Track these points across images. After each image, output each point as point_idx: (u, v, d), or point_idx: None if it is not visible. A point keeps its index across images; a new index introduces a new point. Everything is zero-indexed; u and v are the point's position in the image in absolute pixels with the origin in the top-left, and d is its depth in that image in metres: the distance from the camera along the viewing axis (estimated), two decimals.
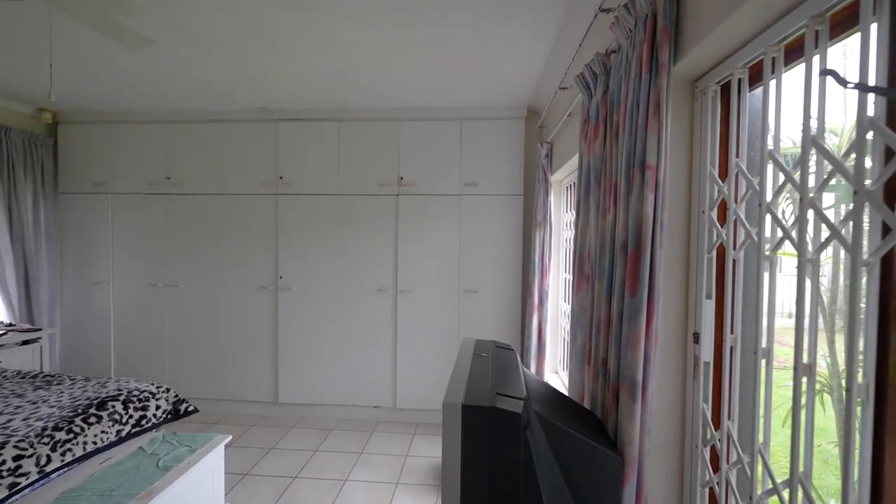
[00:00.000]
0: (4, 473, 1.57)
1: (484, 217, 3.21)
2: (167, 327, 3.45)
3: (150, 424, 2.16)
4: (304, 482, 2.51)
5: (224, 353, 3.42)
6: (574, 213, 2.47)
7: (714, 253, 1.19)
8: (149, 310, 3.46)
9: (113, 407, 2.03)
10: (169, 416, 2.28)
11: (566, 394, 1.72)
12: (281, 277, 3.33)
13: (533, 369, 2.74)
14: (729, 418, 1.13)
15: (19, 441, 1.66)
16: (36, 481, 1.65)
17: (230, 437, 2.19)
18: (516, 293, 3.22)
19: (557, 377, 2.92)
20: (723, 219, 1.17)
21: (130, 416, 2.08)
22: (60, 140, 3.50)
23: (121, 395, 2.12)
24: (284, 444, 2.96)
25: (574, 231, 1.70)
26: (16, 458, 1.61)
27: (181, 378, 3.45)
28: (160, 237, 3.44)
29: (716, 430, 1.17)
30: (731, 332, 1.11)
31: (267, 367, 3.39)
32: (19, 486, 1.59)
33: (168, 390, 2.32)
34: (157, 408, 2.22)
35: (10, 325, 3.10)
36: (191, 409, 2.38)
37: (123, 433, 2.03)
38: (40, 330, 3.10)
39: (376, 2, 1.85)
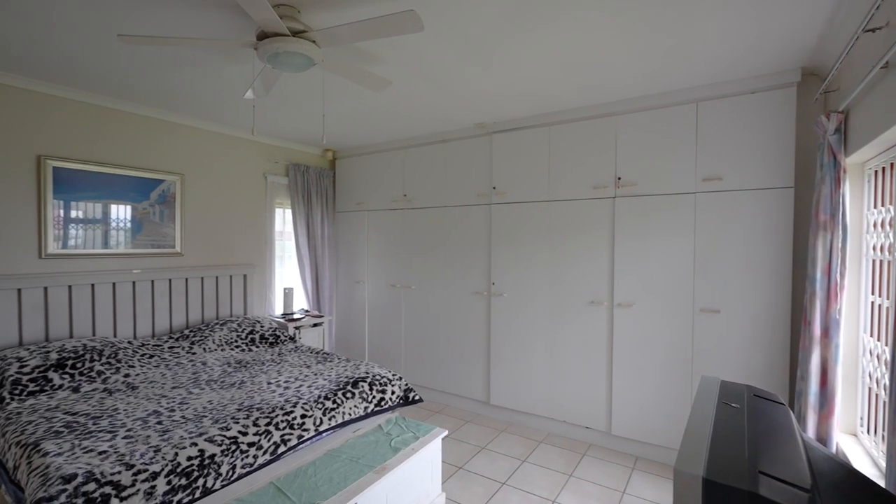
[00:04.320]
0: (295, 426, 2.07)
1: (730, 218, 2.56)
2: (403, 322, 4.06)
3: (386, 406, 2.53)
4: (513, 491, 2.50)
5: (445, 350, 3.78)
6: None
7: None
8: (390, 306, 4.15)
9: (362, 386, 2.46)
10: (400, 402, 2.63)
11: (882, 485, 1.14)
12: (493, 284, 3.46)
13: (811, 428, 2.00)
14: None
15: (305, 404, 2.18)
16: (312, 437, 2.13)
17: (447, 432, 2.36)
18: (782, 318, 2.44)
19: (857, 444, 2.04)
20: None
21: (374, 397, 2.48)
22: (337, 171, 4.58)
23: (368, 377, 2.56)
24: (495, 446, 3.04)
25: None
26: (302, 416, 2.11)
27: (412, 367, 3.99)
28: (398, 245, 4.07)
29: None
30: None
31: (480, 369, 3.58)
32: (304, 438, 2.08)
33: (400, 379, 2.69)
34: (392, 393, 2.59)
35: (307, 311, 4.22)
36: (417, 398, 2.70)
37: (368, 410, 2.43)
38: (323, 316, 4.10)
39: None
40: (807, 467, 0.86)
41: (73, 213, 2.84)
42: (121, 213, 3.07)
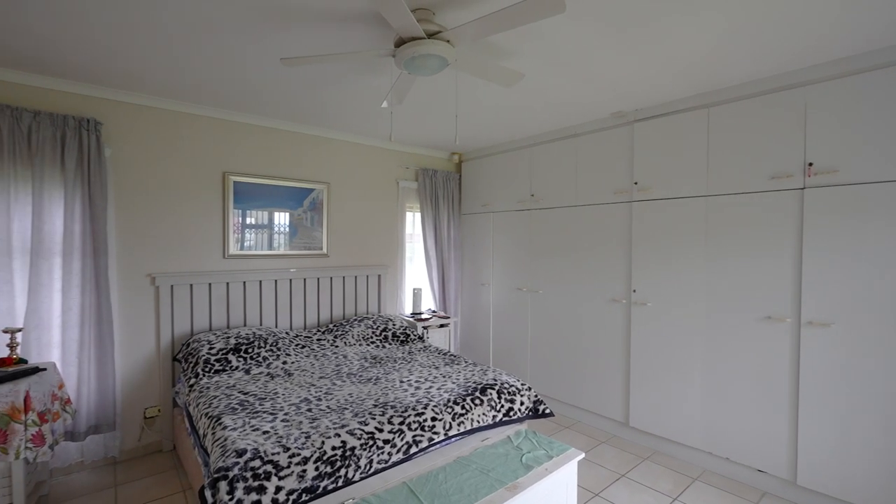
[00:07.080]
0: (426, 428, 2.07)
1: None
2: (529, 328, 3.88)
3: (515, 417, 2.40)
4: None
5: (576, 362, 3.50)
6: None
7: None
8: (516, 310, 4.01)
9: (490, 394, 2.37)
10: (529, 413, 2.48)
11: None
12: (634, 291, 3.08)
13: None
14: None
15: (435, 406, 2.17)
16: (442, 441, 2.10)
17: (583, 455, 2.13)
18: None
19: None
20: None
21: (502, 406, 2.37)
22: (463, 174, 4.62)
23: (496, 384, 2.46)
24: (637, 476, 2.68)
25: None
26: (432, 419, 2.11)
27: (539, 376, 3.79)
28: (525, 247, 3.91)
29: None
30: None
31: (618, 385, 3.21)
32: (434, 441, 2.07)
33: (530, 389, 2.53)
34: (522, 403, 2.45)
35: (434, 311, 4.32)
36: (547, 411, 2.51)
37: (496, 419, 2.33)
38: (449, 318, 4.15)
39: None
40: None
41: (248, 220, 3.34)
42: (281, 219, 3.51)
